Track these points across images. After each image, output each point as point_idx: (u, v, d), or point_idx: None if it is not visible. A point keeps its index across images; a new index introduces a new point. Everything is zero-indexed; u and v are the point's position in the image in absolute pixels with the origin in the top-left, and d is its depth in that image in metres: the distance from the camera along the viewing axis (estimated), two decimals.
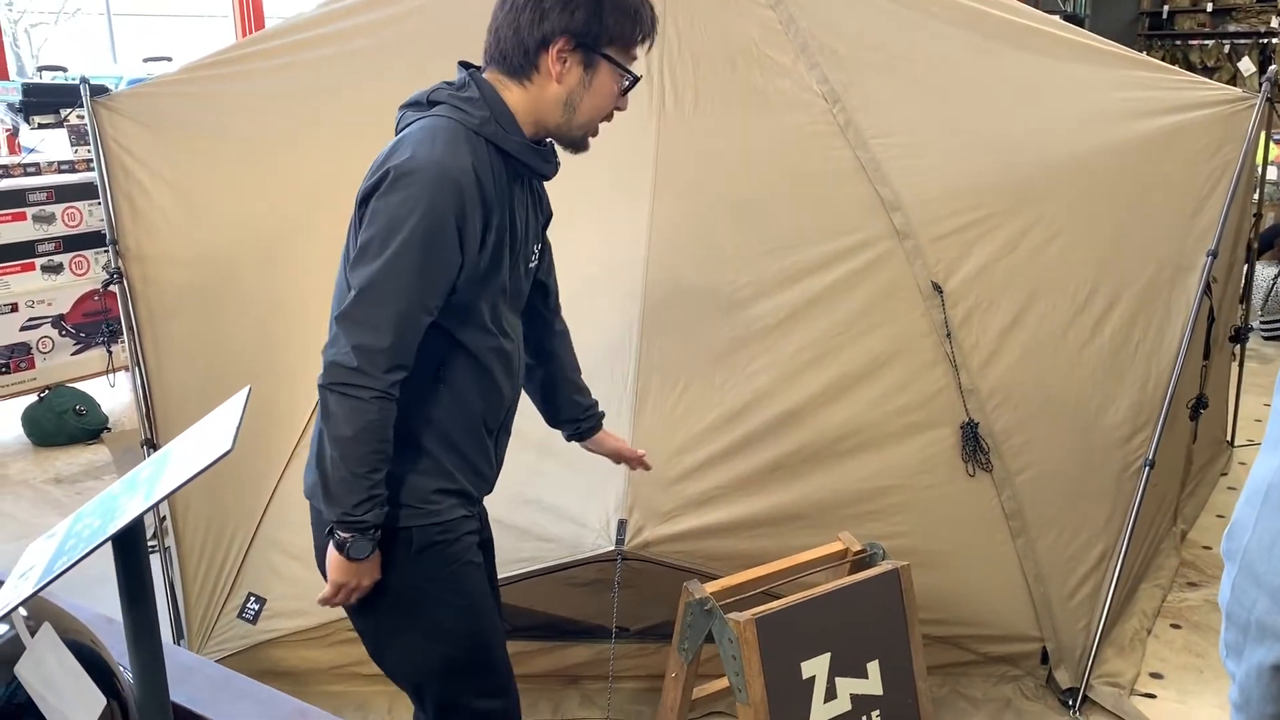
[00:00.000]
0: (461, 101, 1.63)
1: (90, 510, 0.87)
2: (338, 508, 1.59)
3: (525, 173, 1.69)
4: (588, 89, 1.65)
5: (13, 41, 11.85)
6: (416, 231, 1.53)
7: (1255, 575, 0.93)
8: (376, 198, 1.56)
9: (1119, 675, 2.76)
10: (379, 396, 1.56)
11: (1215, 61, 9.94)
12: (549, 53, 1.62)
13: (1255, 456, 0.98)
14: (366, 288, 1.55)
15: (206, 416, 0.92)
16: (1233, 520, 0.97)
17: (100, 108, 2.92)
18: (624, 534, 2.35)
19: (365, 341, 1.54)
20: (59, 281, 4.79)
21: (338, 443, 1.57)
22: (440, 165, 1.54)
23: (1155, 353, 2.87)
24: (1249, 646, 0.95)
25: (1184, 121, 2.99)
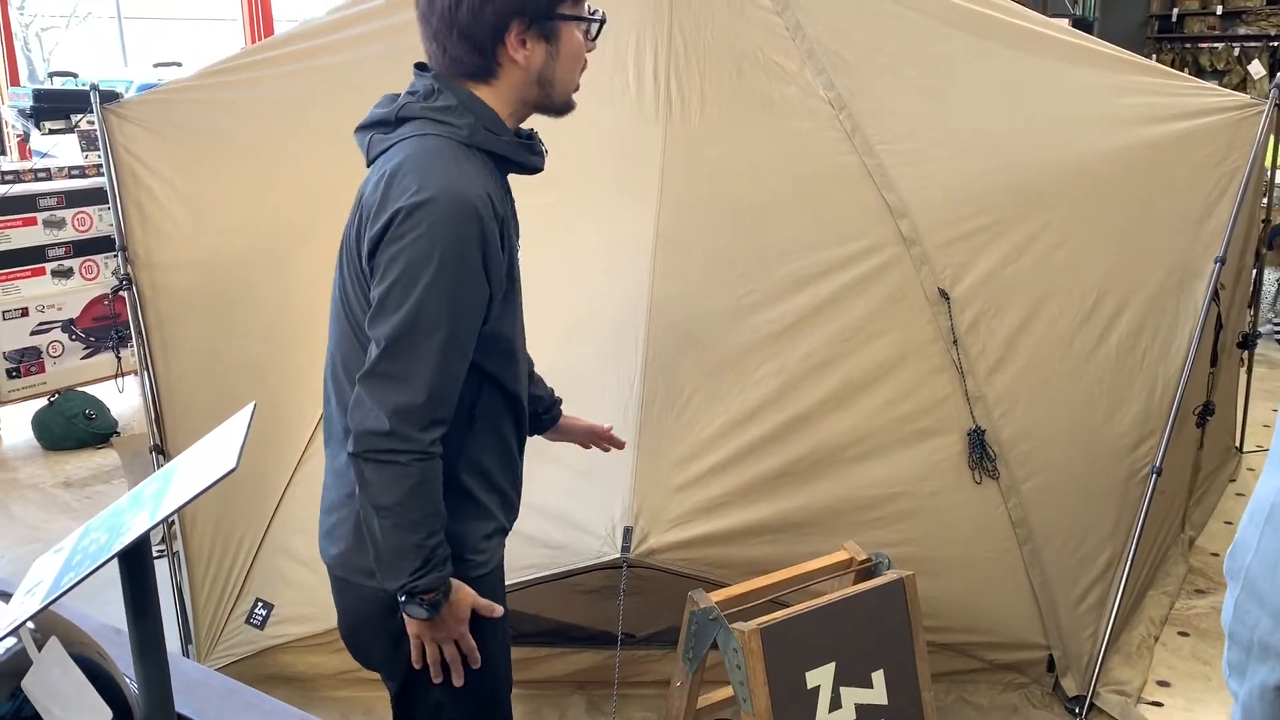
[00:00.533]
0: (438, 113, 1.47)
1: (97, 525, 0.88)
2: (395, 579, 1.46)
3: (514, 170, 1.57)
4: (557, 58, 1.51)
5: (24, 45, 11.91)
6: (441, 271, 1.39)
7: (1258, 595, 0.93)
8: (387, 243, 1.40)
9: (1126, 683, 2.75)
10: (420, 458, 1.42)
11: (1225, 64, 9.91)
12: (506, 43, 1.47)
13: (1264, 462, 0.98)
14: (393, 341, 1.40)
15: (213, 431, 0.93)
16: (1235, 540, 0.97)
17: (110, 115, 2.94)
18: (630, 541, 2.36)
19: (398, 400, 1.40)
20: (69, 286, 4.82)
21: (381, 512, 1.44)
22: (452, 193, 1.39)
23: (1162, 360, 2.87)
24: (1252, 666, 0.95)
25: (1192, 128, 2.99)
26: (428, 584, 1.46)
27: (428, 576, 1.46)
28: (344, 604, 1.64)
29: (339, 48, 3.00)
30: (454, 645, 1.54)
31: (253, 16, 9.11)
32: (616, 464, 2.50)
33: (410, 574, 1.45)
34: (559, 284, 2.74)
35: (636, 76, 2.85)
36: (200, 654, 2.77)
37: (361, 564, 1.55)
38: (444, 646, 1.54)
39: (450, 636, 1.53)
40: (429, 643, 1.53)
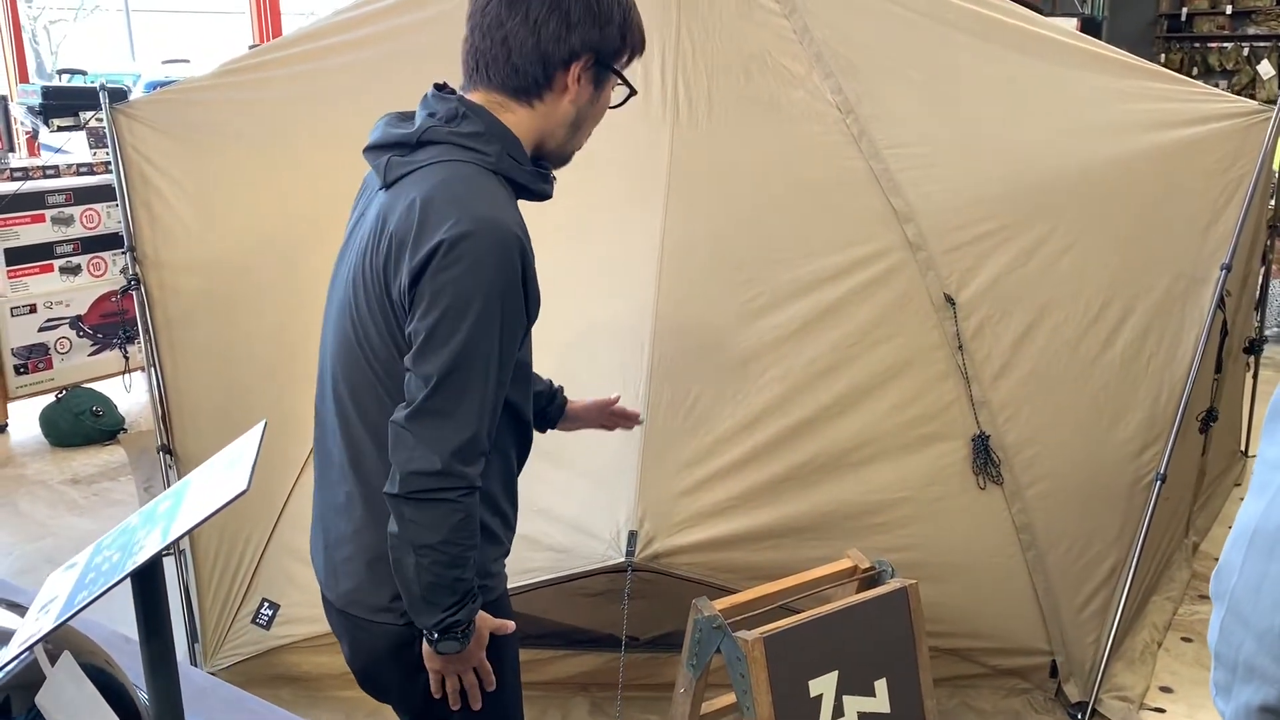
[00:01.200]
0: (465, 139, 1.44)
1: (109, 543, 0.89)
2: (430, 616, 1.43)
3: (526, 197, 1.52)
4: (594, 106, 1.52)
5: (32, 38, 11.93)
6: (490, 303, 1.36)
7: (1242, 617, 0.95)
8: (431, 275, 1.36)
9: (1128, 689, 2.76)
10: (467, 493, 1.40)
11: (1234, 64, 9.87)
12: (571, 70, 1.46)
13: None
14: (444, 377, 1.36)
15: (226, 448, 0.94)
16: (1220, 562, 0.99)
17: (119, 115, 2.95)
18: (634, 545, 2.37)
19: (449, 438, 1.37)
20: (77, 283, 4.84)
21: (421, 551, 1.39)
22: (494, 223, 1.37)
23: (1168, 366, 2.87)
24: (1237, 686, 0.97)
25: (1199, 134, 2.99)
26: (464, 617, 1.45)
27: (464, 610, 1.44)
28: (355, 640, 1.60)
29: (347, 48, 3.01)
30: (473, 673, 1.53)
31: (260, 10, 9.12)
32: (622, 468, 2.52)
33: (445, 609, 1.43)
34: (565, 288, 2.74)
35: (644, 79, 2.85)
36: (206, 653, 2.79)
37: (373, 601, 1.53)
38: (464, 676, 1.53)
39: (471, 665, 1.52)
40: (450, 675, 1.52)
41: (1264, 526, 0.95)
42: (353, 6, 3.12)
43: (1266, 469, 0.99)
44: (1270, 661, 0.94)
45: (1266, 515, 0.95)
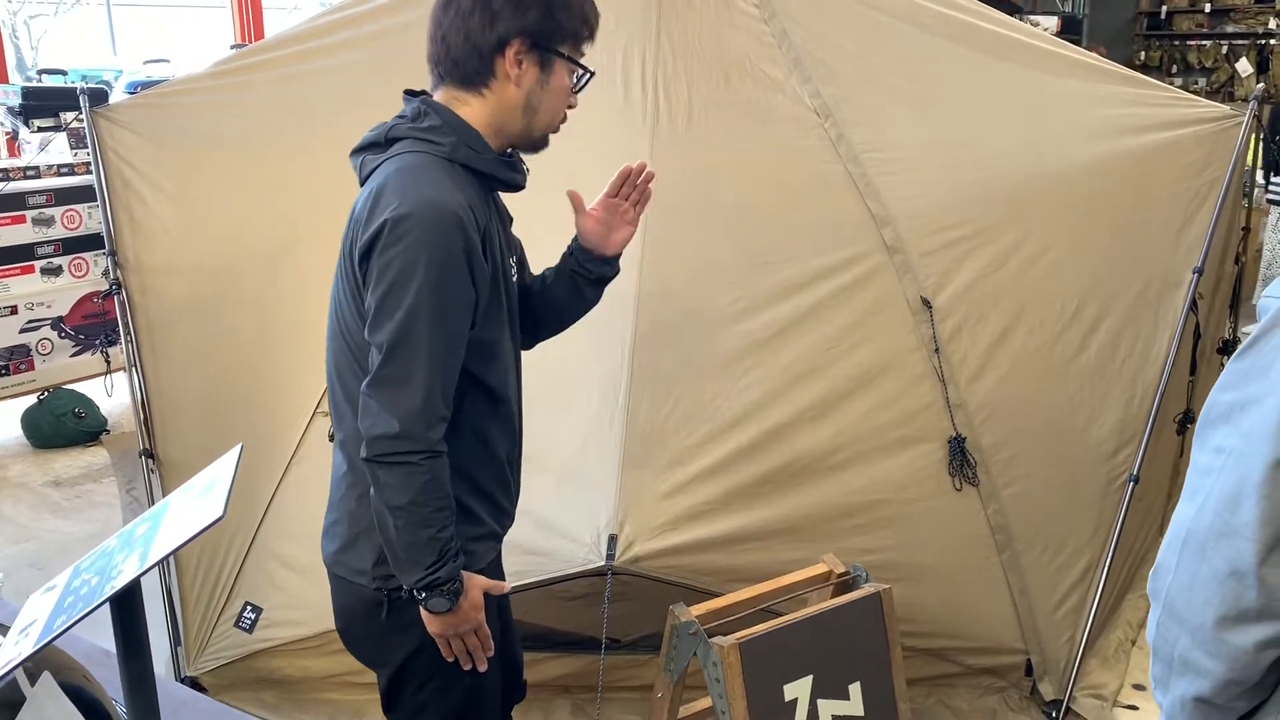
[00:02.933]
0: (423, 133, 1.58)
1: (88, 566, 0.90)
2: (413, 573, 1.55)
3: (497, 187, 1.67)
4: (546, 89, 1.62)
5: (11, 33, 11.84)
6: (430, 276, 1.48)
7: (1176, 614, 1.01)
8: (379, 253, 1.50)
9: (1102, 687, 2.80)
10: (428, 455, 1.51)
11: (1213, 62, 9.95)
12: (505, 56, 1.58)
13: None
14: (393, 345, 1.50)
15: (202, 472, 0.95)
16: (1156, 562, 1.05)
17: (100, 118, 2.95)
18: (614, 549, 2.39)
19: (403, 403, 1.49)
20: (58, 284, 4.82)
21: (399, 512, 1.52)
22: (435, 204, 1.49)
23: (1141, 368, 2.91)
24: (1173, 680, 1.03)
25: (1172, 138, 3.02)
26: (446, 574, 1.55)
27: (445, 567, 1.55)
28: (338, 599, 1.73)
29: (328, 52, 3.02)
30: (474, 635, 1.63)
31: (242, 4, 9.10)
32: (602, 471, 2.54)
33: (428, 568, 1.54)
34: None
35: (625, 84, 2.87)
36: (189, 657, 2.80)
37: (353, 563, 1.67)
38: (466, 639, 1.63)
39: (470, 626, 1.62)
40: (453, 639, 1.63)
41: (1195, 529, 1.00)
42: (332, 10, 3.13)
43: (1198, 475, 1.04)
44: (1203, 656, 1.00)
45: (1198, 519, 1.01)
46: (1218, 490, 0.99)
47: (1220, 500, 0.98)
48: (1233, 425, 0.99)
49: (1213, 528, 0.98)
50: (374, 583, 1.64)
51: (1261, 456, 0.94)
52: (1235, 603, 0.96)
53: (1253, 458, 0.95)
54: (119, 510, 4.07)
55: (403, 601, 1.63)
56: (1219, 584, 0.97)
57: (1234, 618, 0.97)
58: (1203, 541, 0.98)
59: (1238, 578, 0.96)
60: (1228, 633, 0.97)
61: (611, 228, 1.85)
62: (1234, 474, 0.97)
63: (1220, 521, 0.98)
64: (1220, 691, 1.00)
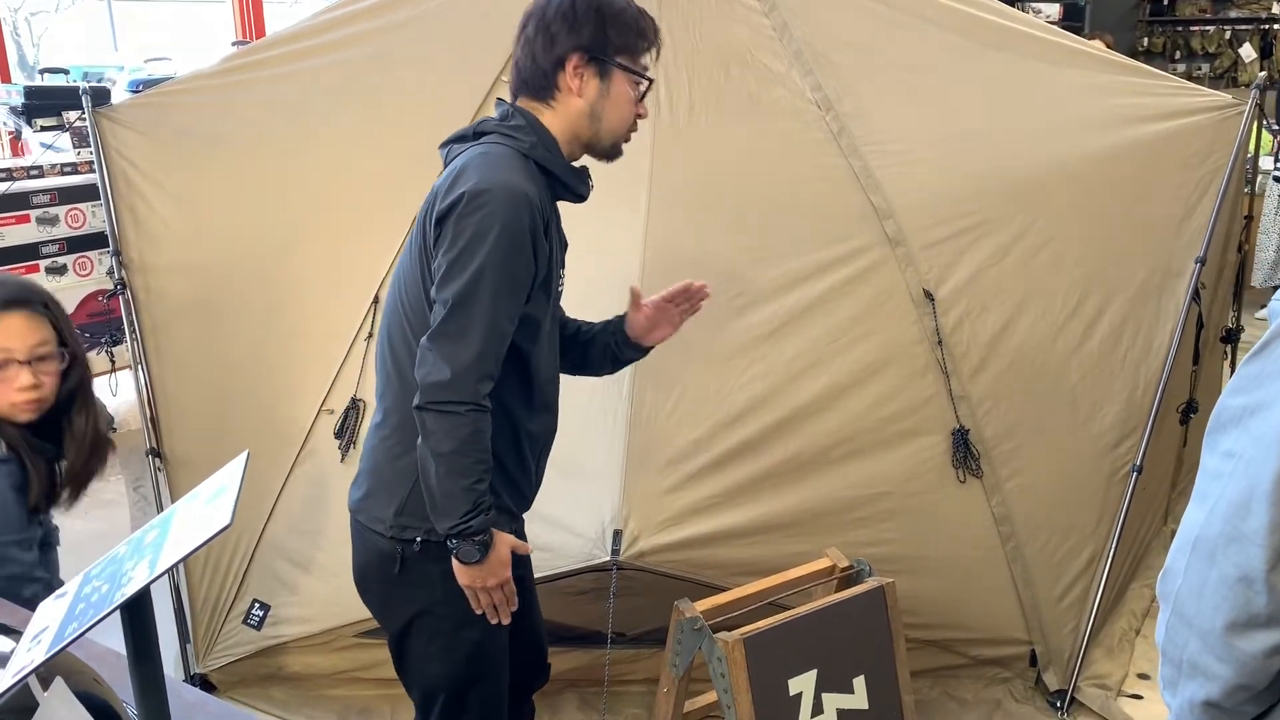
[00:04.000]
0: (509, 129, 1.76)
1: (98, 573, 0.92)
2: (448, 520, 1.66)
3: (564, 194, 1.83)
4: (607, 97, 1.78)
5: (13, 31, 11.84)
6: (500, 244, 1.63)
7: (1186, 618, 1.01)
8: (456, 219, 1.65)
9: (1106, 677, 2.81)
10: (473, 409, 1.64)
11: (1216, 47, 9.92)
12: (566, 70, 1.76)
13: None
14: (457, 302, 1.63)
15: (210, 478, 0.96)
16: (1166, 565, 1.05)
17: (102, 118, 2.96)
18: (619, 544, 2.40)
19: (459, 355, 1.63)
20: (63, 283, 4.84)
21: (441, 459, 1.64)
22: (509, 185, 1.65)
23: (1144, 359, 2.91)
24: (1182, 682, 1.04)
25: (1174, 128, 3.02)
26: (478, 525, 1.66)
27: (478, 518, 1.66)
28: (356, 549, 1.85)
29: (329, 49, 3.02)
30: (500, 590, 1.74)
31: (242, 1, 9.09)
32: (606, 466, 2.55)
33: (462, 515, 1.65)
34: None
35: None
36: (198, 655, 2.82)
37: (374, 510, 1.79)
38: (492, 593, 1.73)
39: (498, 581, 1.73)
40: (481, 591, 1.73)
41: (1205, 534, 1.00)
42: (333, 8, 3.13)
43: (1207, 479, 1.04)
44: (1213, 660, 1.00)
45: (1208, 523, 1.01)
46: (1227, 495, 0.99)
47: (1230, 505, 0.98)
48: (1243, 429, 0.99)
49: (1222, 533, 0.98)
50: (390, 532, 1.76)
51: (1271, 462, 0.95)
52: (1244, 608, 0.97)
53: (1263, 463, 0.95)
54: (126, 508, 4.08)
55: (415, 558, 1.75)
56: (1228, 589, 0.98)
57: (1243, 623, 0.97)
58: (1212, 547, 0.99)
59: (1247, 583, 0.96)
60: (1237, 638, 0.98)
61: (656, 325, 2.09)
62: (1244, 479, 0.97)
63: (1230, 527, 0.98)
64: (1229, 696, 1.00)
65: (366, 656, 2.78)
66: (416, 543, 1.74)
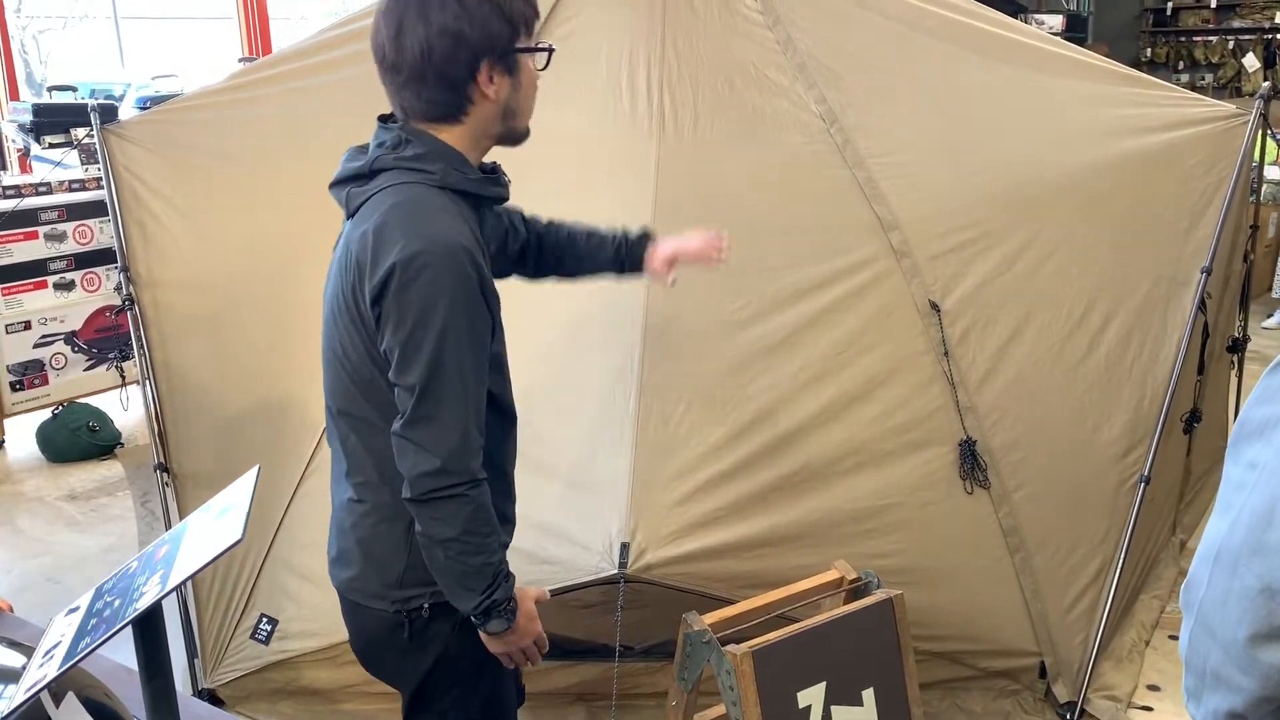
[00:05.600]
0: (410, 161, 1.54)
1: (109, 588, 0.92)
2: (470, 600, 1.56)
3: (484, 204, 1.65)
4: (519, 89, 1.60)
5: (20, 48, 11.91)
6: (453, 312, 1.47)
7: (1210, 629, 1.00)
8: (394, 296, 1.47)
9: (1116, 688, 2.80)
10: (472, 485, 1.53)
11: (1219, 57, 9.93)
12: (478, 80, 1.55)
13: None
14: (425, 387, 1.48)
15: (220, 493, 0.97)
16: (1189, 575, 1.04)
17: (110, 135, 2.98)
18: (627, 557, 2.40)
19: (443, 441, 1.49)
20: (71, 298, 4.86)
21: (449, 544, 1.53)
22: (441, 240, 1.48)
23: (1151, 369, 2.91)
24: (1206, 693, 1.03)
25: (1178, 138, 3.02)
26: (501, 595, 1.57)
27: (500, 589, 1.57)
28: (355, 624, 1.74)
29: (335, 66, 3.04)
30: (533, 645, 1.67)
31: (249, 17, 9.15)
32: (613, 479, 2.55)
33: (483, 593, 1.56)
34: (555, 300, 2.78)
35: (630, 91, 2.89)
36: (206, 669, 2.82)
37: (369, 589, 1.66)
38: (527, 651, 1.67)
39: (530, 637, 1.66)
40: (515, 653, 1.66)
41: (1228, 544, 1.00)
42: (339, 24, 3.15)
43: (1230, 489, 1.03)
44: (1236, 671, 0.99)
45: (1231, 534, 1.00)
46: (1250, 506, 0.98)
47: (1253, 516, 0.98)
48: (1266, 441, 0.99)
49: (1245, 544, 0.98)
50: (393, 605, 1.64)
51: None
52: (1267, 620, 0.96)
53: None
54: (134, 523, 4.10)
55: (423, 621, 1.64)
56: (1251, 601, 0.97)
57: (1266, 635, 0.96)
58: (1235, 558, 0.98)
59: (1269, 595, 0.95)
60: (1260, 650, 0.97)
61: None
62: (1267, 490, 0.97)
63: (1253, 538, 0.97)
64: (1253, 707, 1.00)
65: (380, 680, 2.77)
66: (424, 609, 1.63)
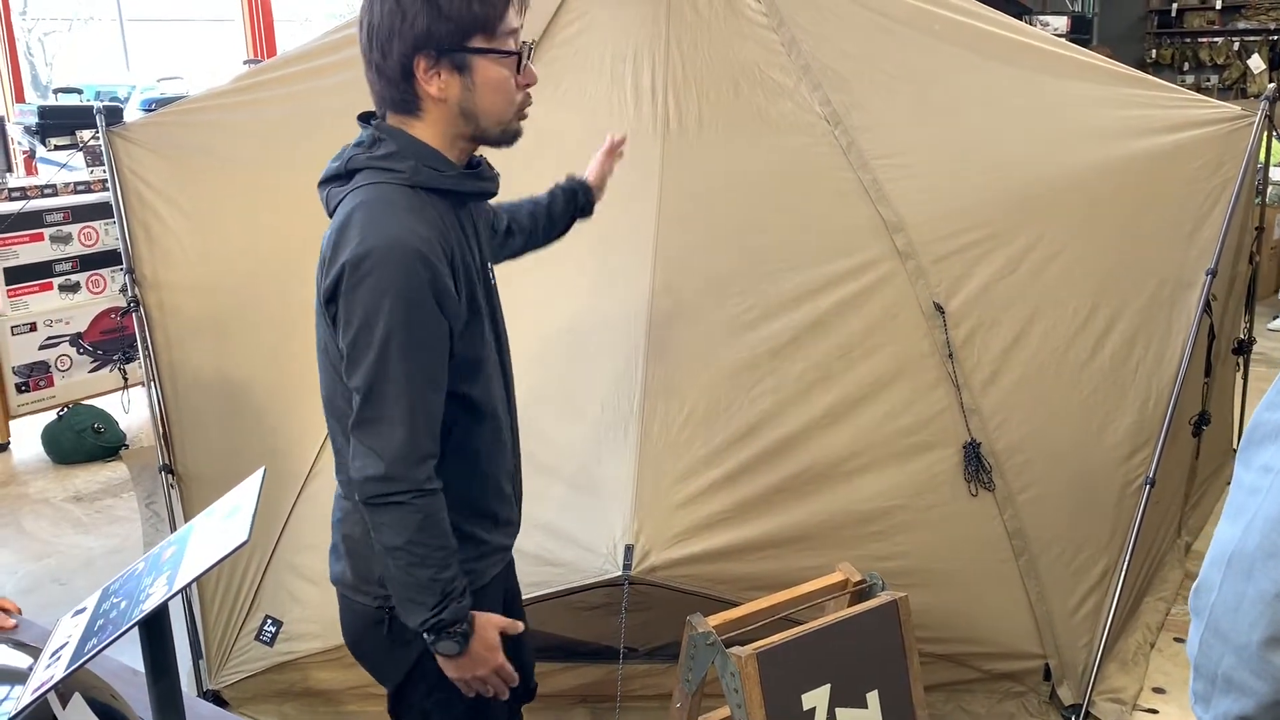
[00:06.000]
0: (381, 160, 1.53)
1: (116, 589, 0.92)
2: (417, 615, 1.53)
3: (470, 200, 1.63)
4: (475, 89, 1.53)
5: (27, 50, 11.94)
6: (396, 313, 1.45)
7: (1221, 633, 1.00)
8: (343, 296, 1.48)
9: (1121, 691, 2.80)
10: (418, 495, 1.49)
11: (1225, 59, 9.91)
12: (418, 78, 1.51)
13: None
14: (369, 389, 1.48)
15: (226, 495, 0.97)
16: (1199, 579, 1.04)
17: (115, 137, 2.99)
18: (631, 559, 2.40)
19: (386, 444, 1.48)
20: (76, 300, 4.87)
21: (396, 553, 1.50)
22: (393, 239, 1.45)
23: (1155, 371, 2.90)
24: (1216, 697, 1.02)
25: (1184, 140, 3.02)
26: (451, 616, 1.53)
27: (449, 609, 1.52)
28: (344, 617, 1.75)
29: (341, 67, 3.04)
30: (495, 676, 1.61)
31: (253, 19, 9.17)
32: (617, 481, 2.55)
33: (431, 609, 1.51)
34: (558, 303, 2.79)
35: (635, 93, 2.89)
36: (211, 671, 2.82)
37: (353, 581, 1.68)
38: (488, 681, 1.60)
39: (489, 668, 1.59)
40: (471, 681, 1.59)
41: (1241, 549, 0.99)
42: (344, 26, 3.16)
43: (1243, 494, 1.03)
44: (1248, 675, 0.99)
45: (1244, 539, 1.00)
46: (1265, 510, 0.98)
47: (1267, 521, 0.97)
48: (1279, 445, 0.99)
49: (1260, 548, 0.97)
50: (375, 601, 1.65)
51: None
52: None
53: None
54: (139, 525, 4.10)
55: (401, 619, 1.63)
56: (1265, 605, 0.96)
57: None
58: (1249, 562, 0.98)
59: None
60: (1274, 654, 0.96)
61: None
62: None
63: (1268, 542, 0.97)
64: (1265, 712, 0.99)
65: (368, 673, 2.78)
66: None
